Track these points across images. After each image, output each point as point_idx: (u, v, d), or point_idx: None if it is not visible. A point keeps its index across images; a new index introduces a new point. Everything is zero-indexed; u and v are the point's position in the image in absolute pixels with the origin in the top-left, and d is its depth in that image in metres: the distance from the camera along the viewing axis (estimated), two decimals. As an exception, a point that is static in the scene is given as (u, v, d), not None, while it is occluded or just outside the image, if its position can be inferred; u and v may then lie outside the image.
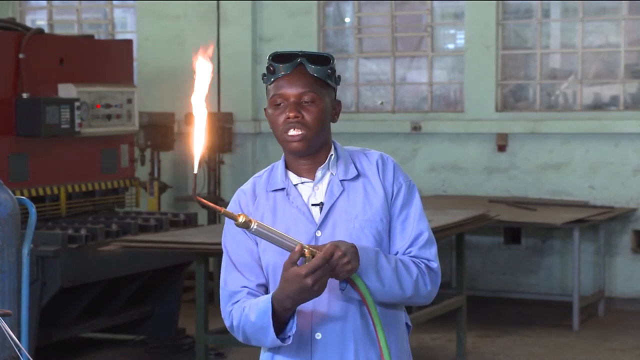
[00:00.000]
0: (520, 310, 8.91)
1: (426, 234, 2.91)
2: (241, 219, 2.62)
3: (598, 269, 8.95)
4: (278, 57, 2.85)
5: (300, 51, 2.86)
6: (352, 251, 2.72)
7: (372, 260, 2.76)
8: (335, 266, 2.69)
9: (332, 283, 2.77)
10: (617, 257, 9.07)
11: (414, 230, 2.89)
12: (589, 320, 8.55)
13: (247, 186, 2.95)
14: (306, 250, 2.67)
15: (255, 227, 2.64)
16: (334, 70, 2.87)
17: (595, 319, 8.65)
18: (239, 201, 2.93)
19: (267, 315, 2.72)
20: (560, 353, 7.57)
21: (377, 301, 2.76)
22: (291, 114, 2.81)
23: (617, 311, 8.88)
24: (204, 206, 2.68)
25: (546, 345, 7.76)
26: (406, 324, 2.96)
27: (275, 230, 2.68)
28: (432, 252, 2.91)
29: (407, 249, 2.89)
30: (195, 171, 2.62)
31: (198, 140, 2.62)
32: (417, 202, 2.93)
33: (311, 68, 2.83)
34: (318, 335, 2.83)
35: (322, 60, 2.85)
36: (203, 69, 2.68)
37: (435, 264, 2.90)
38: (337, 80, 2.90)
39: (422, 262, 2.88)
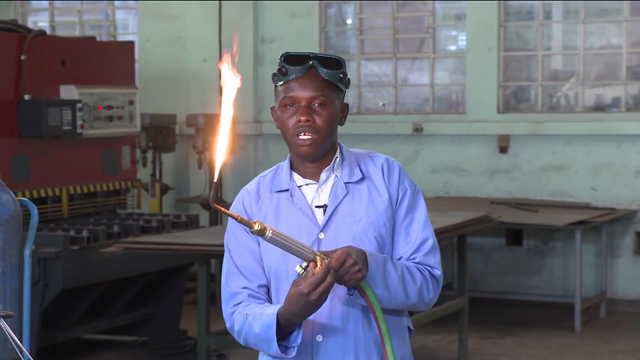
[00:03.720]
0: (522, 311, 8.90)
1: (431, 241, 2.90)
2: (257, 227, 2.59)
3: (600, 270, 8.95)
4: (290, 59, 2.82)
5: (312, 53, 2.84)
6: (363, 258, 2.70)
7: (380, 267, 2.75)
8: (345, 274, 2.67)
9: (337, 287, 2.76)
10: (619, 258, 9.06)
11: (418, 236, 2.89)
12: (590, 321, 8.54)
13: (251, 186, 2.94)
14: (318, 258, 2.65)
15: (270, 234, 2.60)
16: (345, 74, 2.85)
17: (597, 320, 8.64)
18: (243, 201, 2.92)
19: (271, 329, 2.71)
20: (562, 354, 7.57)
21: (381, 307, 2.75)
22: (303, 118, 2.79)
23: (619, 313, 8.88)
24: (221, 213, 2.65)
25: (548, 347, 7.75)
26: (408, 327, 2.96)
27: (290, 238, 2.65)
28: (436, 259, 2.90)
29: (411, 255, 2.88)
30: (216, 179, 2.58)
31: (220, 149, 2.58)
32: (422, 208, 2.92)
33: (323, 72, 2.81)
34: (319, 338, 2.82)
35: (334, 63, 2.84)
36: (229, 78, 2.64)
37: (438, 272, 2.90)
38: (347, 83, 2.89)
39: (426, 269, 2.88)
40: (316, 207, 2.86)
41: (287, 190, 2.88)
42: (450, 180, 9.52)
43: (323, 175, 2.88)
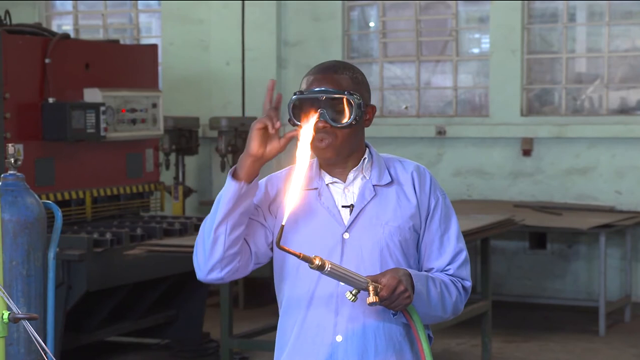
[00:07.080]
0: (546, 315, 8.86)
1: (464, 253, 2.93)
2: (317, 262, 2.63)
3: (624, 274, 8.89)
4: (299, 112, 2.89)
5: (321, 95, 2.85)
6: (409, 281, 2.74)
7: (424, 286, 2.80)
8: (396, 300, 2.71)
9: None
10: (643, 262, 9.01)
11: (453, 247, 2.91)
12: (615, 325, 8.49)
13: (282, 173, 2.97)
14: (371, 286, 2.68)
15: (329, 268, 2.64)
16: (356, 102, 2.82)
17: (621, 324, 8.59)
18: (266, 183, 2.94)
19: (227, 183, 2.79)
20: (586, 359, 7.53)
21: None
22: (320, 125, 2.84)
23: (644, 317, 8.83)
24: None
25: (572, 351, 7.71)
26: (428, 335, 2.96)
27: (346, 270, 2.68)
28: (467, 271, 2.94)
29: (446, 267, 2.91)
30: (284, 222, 2.63)
31: (293, 195, 2.64)
32: (455, 218, 2.95)
33: (333, 124, 2.83)
34: (339, 338, 2.84)
35: (343, 105, 2.83)
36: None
37: (469, 283, 2.94)
38: (366, 97, 2.88)
39: (459, 281, 2.92)
40: (342, 207, 2.88)
41: (315, 188, 2.89)
42: (473, 183, 9.49)
43: (350, 176, 2.90)
